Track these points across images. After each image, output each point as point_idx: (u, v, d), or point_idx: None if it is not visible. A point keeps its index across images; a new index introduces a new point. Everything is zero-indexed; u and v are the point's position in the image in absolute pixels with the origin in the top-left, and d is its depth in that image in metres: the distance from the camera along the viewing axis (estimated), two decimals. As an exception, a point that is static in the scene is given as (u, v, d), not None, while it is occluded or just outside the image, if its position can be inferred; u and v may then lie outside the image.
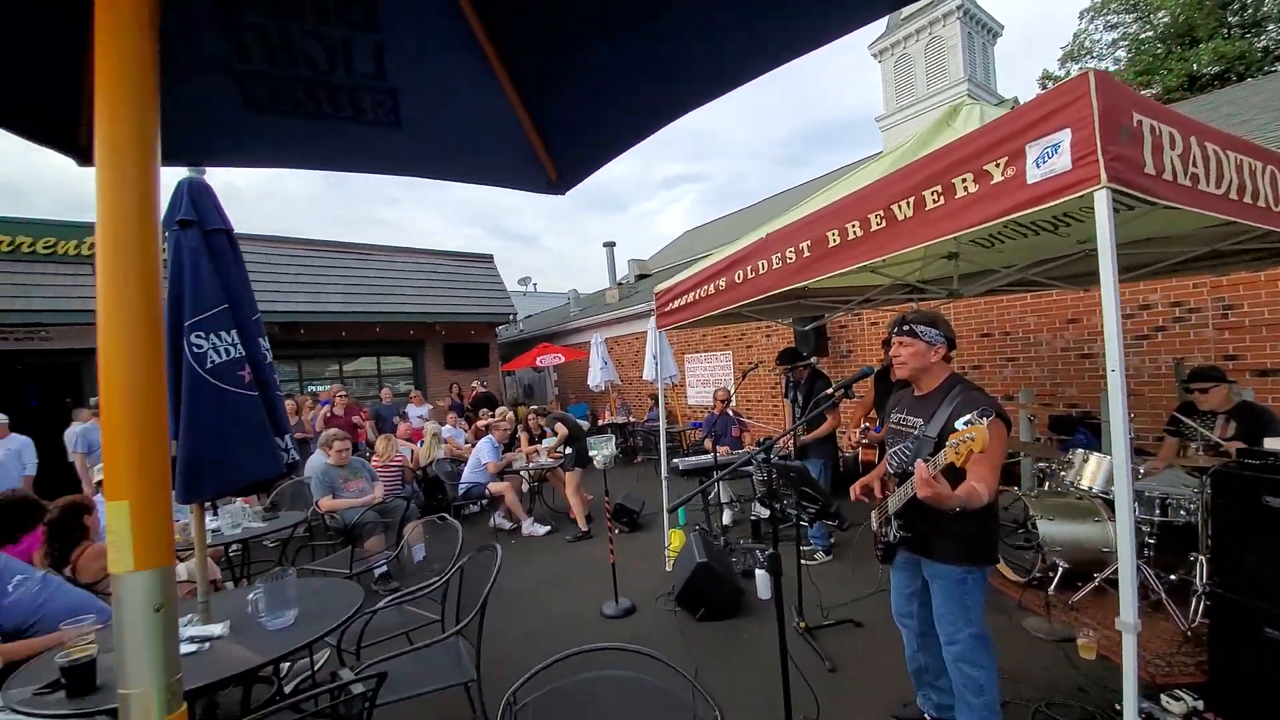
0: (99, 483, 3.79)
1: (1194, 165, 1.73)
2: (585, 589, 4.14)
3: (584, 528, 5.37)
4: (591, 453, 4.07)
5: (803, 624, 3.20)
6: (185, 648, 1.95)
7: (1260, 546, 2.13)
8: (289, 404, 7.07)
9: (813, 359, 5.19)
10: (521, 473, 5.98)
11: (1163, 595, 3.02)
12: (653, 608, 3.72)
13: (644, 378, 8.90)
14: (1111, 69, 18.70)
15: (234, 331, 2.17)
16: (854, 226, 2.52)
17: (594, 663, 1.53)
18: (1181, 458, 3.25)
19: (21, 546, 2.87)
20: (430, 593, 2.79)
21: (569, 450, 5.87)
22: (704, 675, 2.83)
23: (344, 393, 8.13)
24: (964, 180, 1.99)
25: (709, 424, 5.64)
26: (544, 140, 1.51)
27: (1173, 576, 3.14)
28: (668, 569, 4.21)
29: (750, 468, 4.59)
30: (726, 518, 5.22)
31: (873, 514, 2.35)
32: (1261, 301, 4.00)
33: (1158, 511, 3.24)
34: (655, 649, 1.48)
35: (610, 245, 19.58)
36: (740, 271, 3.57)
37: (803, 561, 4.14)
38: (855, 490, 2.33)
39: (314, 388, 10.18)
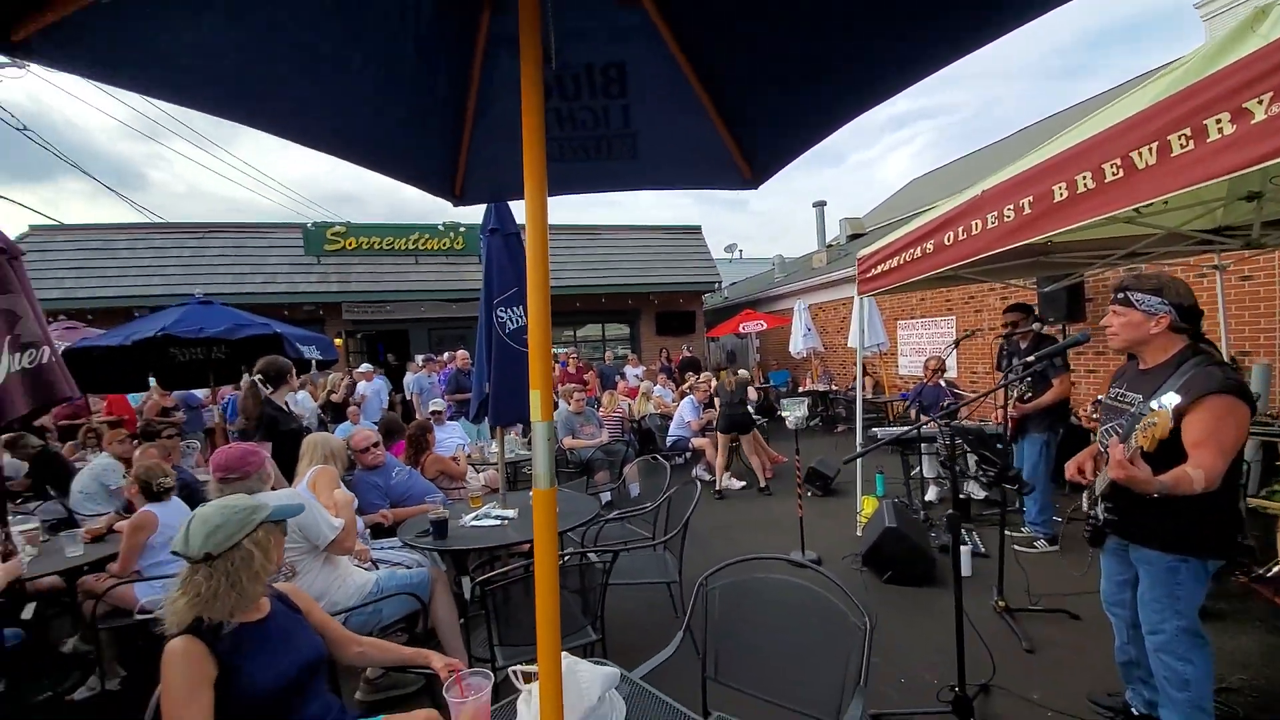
0: (433, 413, 5.43)
1: None
2: (773, 537, 4.50)
3: (762, 482, 5.87)
4: (783, 413, 4.33)
5: (1002, 602, 3.08)
6: (491, 522, 2.91)
7: None
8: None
9: (1045, 322, 4.52)
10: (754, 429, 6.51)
11: None
12: (838, 564, 3.91)
13: (849, 345, 8.61)
14: None
15: (521, 307, 3.04)
16: (1085, 178, 2.32)
17: (773, 571, 1.92)
18: None
19: (393, 450, 4.38)
20: (645, 514, 3.48)
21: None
22: (883, 630, 2.99)
23: (575, 354, 9.70)
24: (1219, 121, 1.74)
25: (915, 393, 5.37)
26: (739, 146, 1.85)
27: None
28: (858, 534, 4.31)
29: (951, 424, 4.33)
30: (931, 494, 4.97)
31: (1083, 495, 2.21)
32: None
33: None
34: (838, 596, 1.76)
35: (820, 205, 18.65)
36: (950, 233, 3.41)
37: (1015, 547, 3.86)
38: (1069, 470, 2.22)
39: (555, 350, 12.25)
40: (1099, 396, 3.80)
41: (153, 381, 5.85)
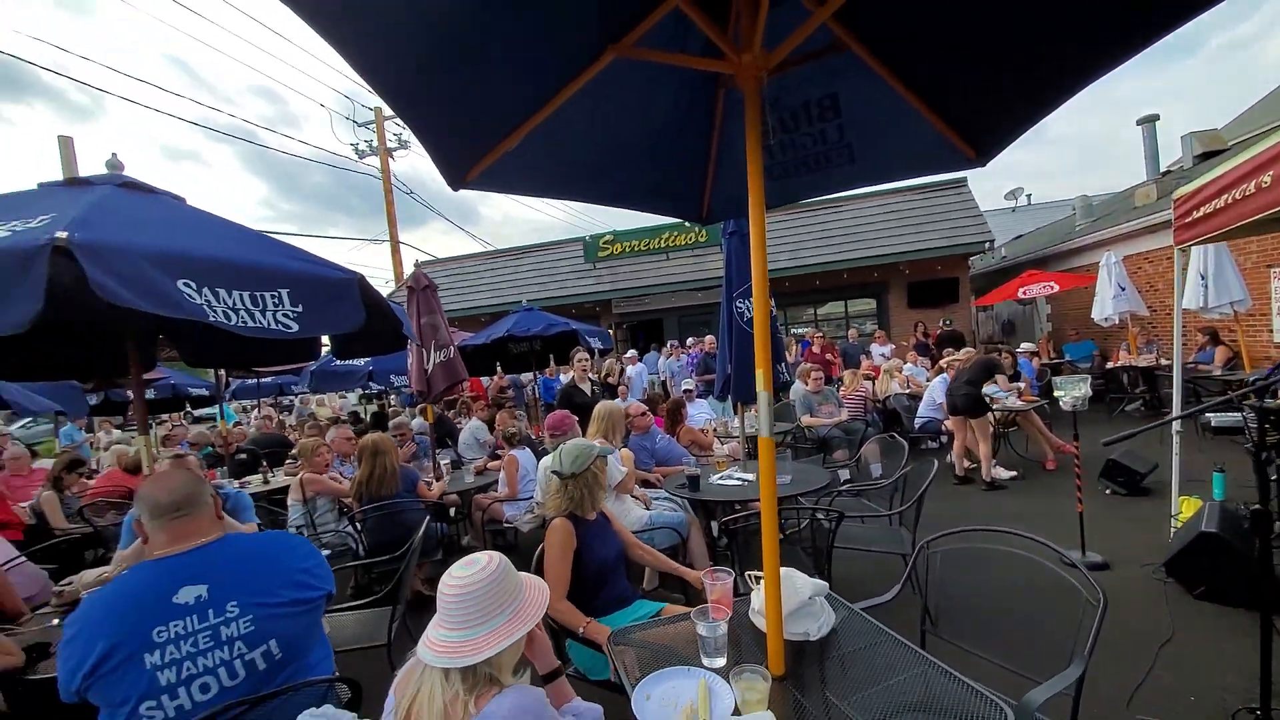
0: (685, 391, 6.32)
1: None
2: (1048, 532, 4.00)
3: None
4: (1058, 393, 3.81)
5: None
6: (734, 482, 3.47)
7: None
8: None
9: None
10: (988, 414, 5.87)
11: None
12: (1134, 571, 3.35)
13: (1186, 306, 6.63)
14: None
15: (751, 299, 3.51)
16: None
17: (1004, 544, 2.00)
18: None
19: (655, 422, 5.29)
20: (881, 491, 3.61)
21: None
22: (1179, 648, 2.57)
23: (820, 334, 9.68)
24: None
25: (1277, 369, 4.02)
26: (957, 132, 1.96)
27: None
28: (1168, 540, 3.56)
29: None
30: (1305, 500, 3.70)
31: None
32: None
33: None
34: (1120, 603, 1.72)
35: (1149, 120, 14.17)
36: None
37: None
38: None
39: (796, 330, 12.31)
40: None
41: (498, 367, 8.15)
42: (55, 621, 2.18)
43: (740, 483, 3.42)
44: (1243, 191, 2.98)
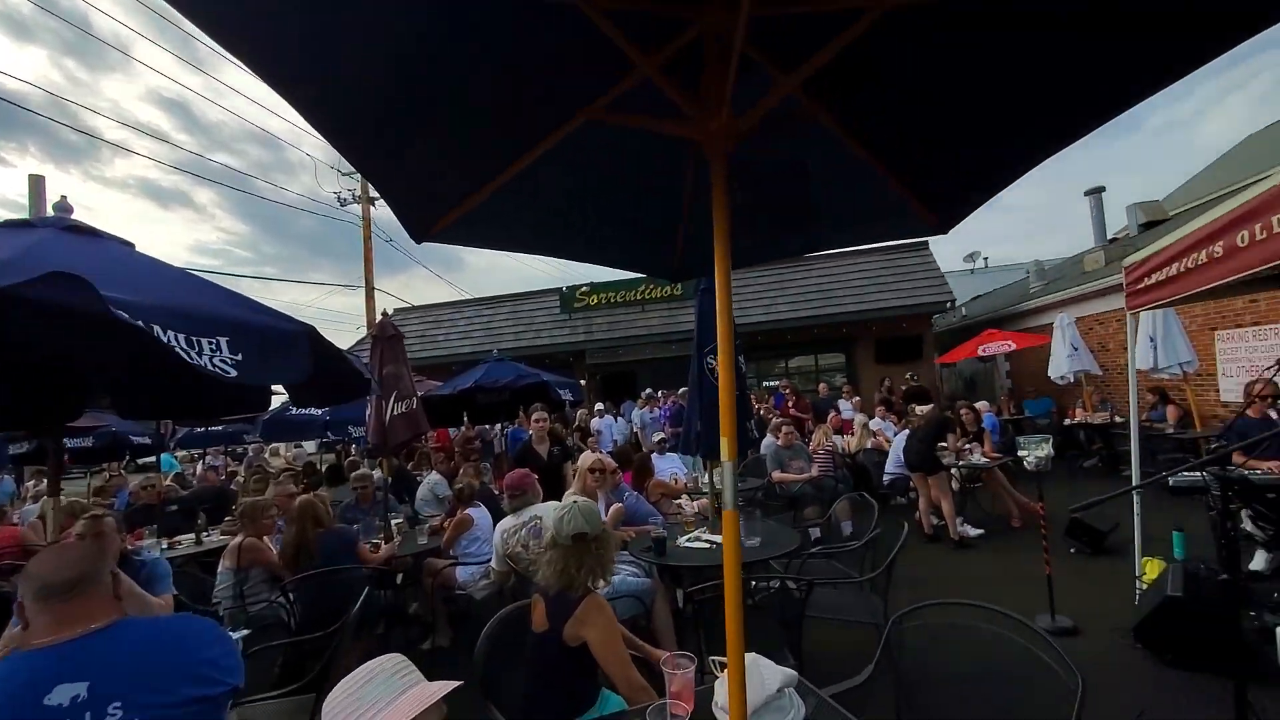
0: (658, 442, 6.19)
1: None
2: (1014, 596, 3.96)
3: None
4: (1021, 452, 3.85)
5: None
6: (701, 545, 3.34)
7: None
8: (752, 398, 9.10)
9: None
10: (952, 470, 5.90)
11: None
12: (1103, 636, 3.30)
13: (1138, 367, 6.91)
14: None
15: (717, 354, 3.50)
16: None
17: (977, 621, 1.92)
18: None
19: (624, 478, 5.16)
20: (851, 552, 3.51)
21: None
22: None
23: (791, 389, 9.79)
24: None
25: (1226, 429, 4.16)
26: (921, 201, 2.02)
27: None
28: (1136, 603, 3.54)
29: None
30: (1260, 562, 3.76)
31: None
32: None
33: None
34: (1087, 671, 1.61)
35: (1096, 192, 15.27)
36: (1244, 233, 2.82)
37: None
38: None
39: (767, 383, 12.42)
40: None
41: (465, 418, 7.91)
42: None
43: (708, 545, 3.29)
44: (1194, 260, 3.16)
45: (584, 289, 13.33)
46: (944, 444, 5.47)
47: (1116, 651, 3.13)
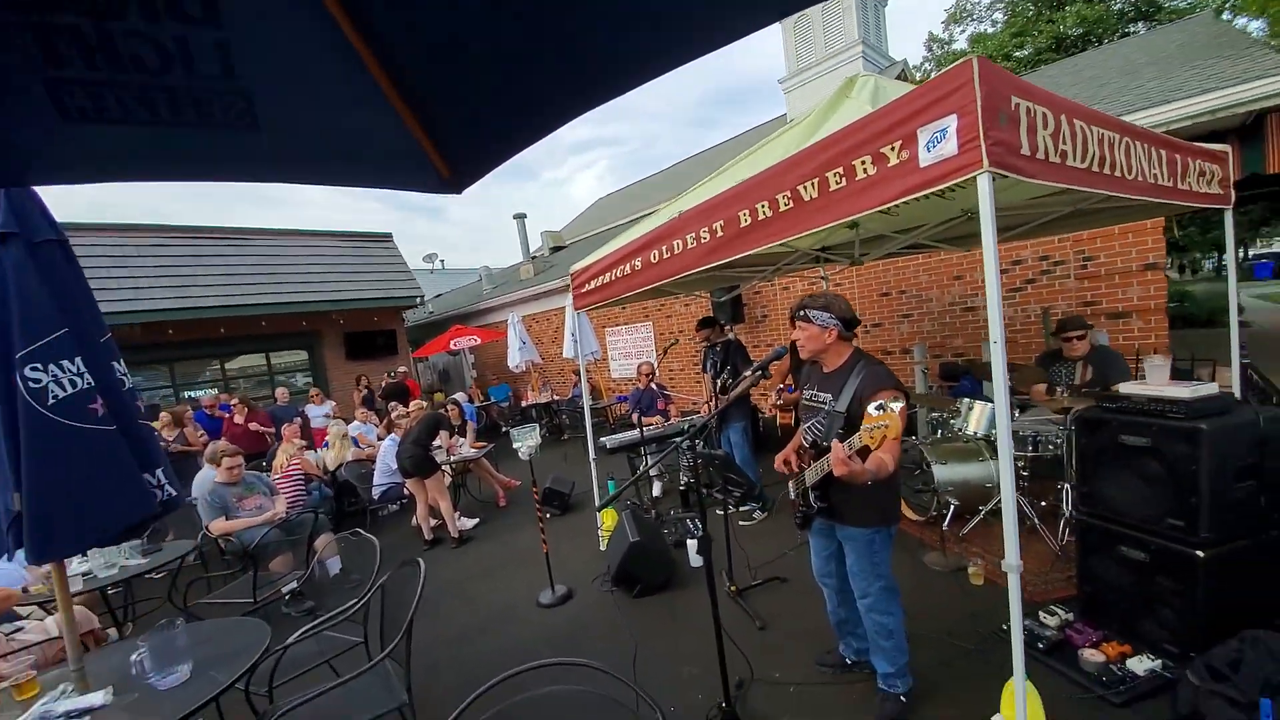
0: None
1: (1063, 142, 1.86)
2: (520, 577, 4.08)
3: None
4: (515, 444, 3.93)
5: (733, 587, 3.35)
6: (55, 727, 1.69)
7: (1117, 477, 2.46)
8: (165, 416, 6.28)
9: (729, 328, 5.30)
10: (444, 467, 5.72)
11: (1036, 521, 3.45)
12: (590, 590, 3.74)
13: (564, 356, 8.75)
14: (990, 31, 20.07)
15: (79, 359, 1.83)
16: (764, 207, 2.54)
17: (537, 677, 1.49)
18: (1049, 399, 3.66)
19: None
20: (351, 615, 2.61)
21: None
22: (645, 650, 2.90)
23: (236, 398, 7.36)
24: (863, 163, 2.03)
25: (634, 399, 5.66)
26: (433, 141, 1.36)
27: (1043, 503, 3.60)
28: (602, 548, 4.23)
29: (679, 439, 4.68)
30: (656, 489, 5.31)
31: (790, 484, 2.45)
32: (1115, 252, 4.54)
33: (1030, 448, 3.67)
34: (595, 631, 1.43)
35: (521, 217, 18.87)
36: (656, 251, 3.54)
37: (740, 523, 4.37)
38: (778, 463, 2.43)
39: (192, 393, 9.10)
40: (779, 385, 4.58)
41: None
42: None
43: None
44: (621, 271, 3.85)
45: None
46: (438, 443, 5.18)
47: (602, 601, 3.57)
